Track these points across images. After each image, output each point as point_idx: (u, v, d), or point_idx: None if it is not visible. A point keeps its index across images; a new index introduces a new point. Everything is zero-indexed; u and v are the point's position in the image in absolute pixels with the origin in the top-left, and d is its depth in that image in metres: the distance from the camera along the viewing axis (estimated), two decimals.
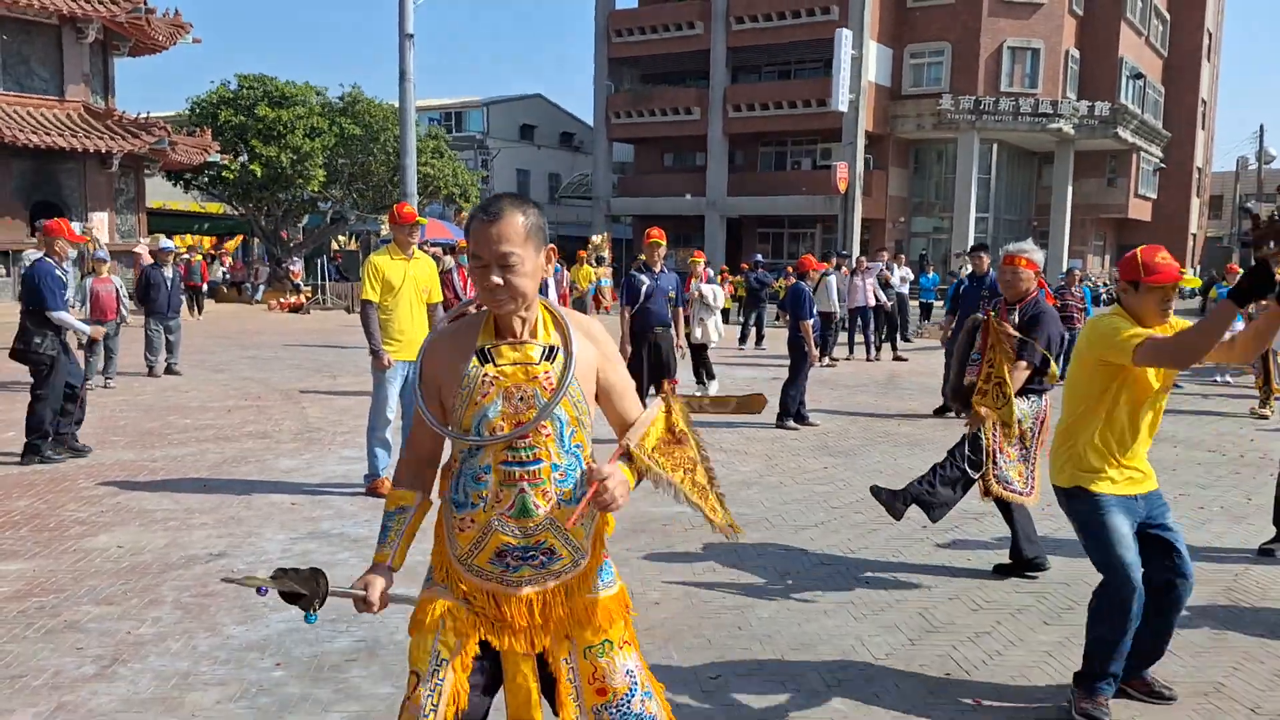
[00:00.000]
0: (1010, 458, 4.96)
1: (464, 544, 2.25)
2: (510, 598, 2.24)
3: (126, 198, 24.33)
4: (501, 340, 2.24)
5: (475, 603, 2.26)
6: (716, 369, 12.32)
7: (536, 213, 2.23)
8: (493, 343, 2.24)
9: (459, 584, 2.27)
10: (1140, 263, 3.48)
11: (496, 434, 2.18)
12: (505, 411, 2.19)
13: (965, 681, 3.86)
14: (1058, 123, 37.40)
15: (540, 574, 2.24)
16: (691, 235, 41.57)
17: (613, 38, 41.72)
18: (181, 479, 6.91)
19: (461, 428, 2.22)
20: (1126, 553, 3.49)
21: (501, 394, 2.20)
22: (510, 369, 2.22)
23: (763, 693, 3.71)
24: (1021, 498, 4.97)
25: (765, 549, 5.52)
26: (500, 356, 2.23)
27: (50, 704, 3.49)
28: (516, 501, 2.20)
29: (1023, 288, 5.09)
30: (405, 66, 16.96)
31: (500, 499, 2.20)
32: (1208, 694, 3.77)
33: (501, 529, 2.20)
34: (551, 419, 2.21)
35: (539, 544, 2.22)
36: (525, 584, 2.24)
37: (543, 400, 2.20)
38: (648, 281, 8.50)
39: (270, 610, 4.41)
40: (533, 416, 2.18)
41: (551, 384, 2.22)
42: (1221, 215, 60.32)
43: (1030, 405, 5.02)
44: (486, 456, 2.21)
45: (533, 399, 2.20)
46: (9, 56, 21.79)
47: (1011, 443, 4.96)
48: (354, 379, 12.15)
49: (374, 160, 31.51)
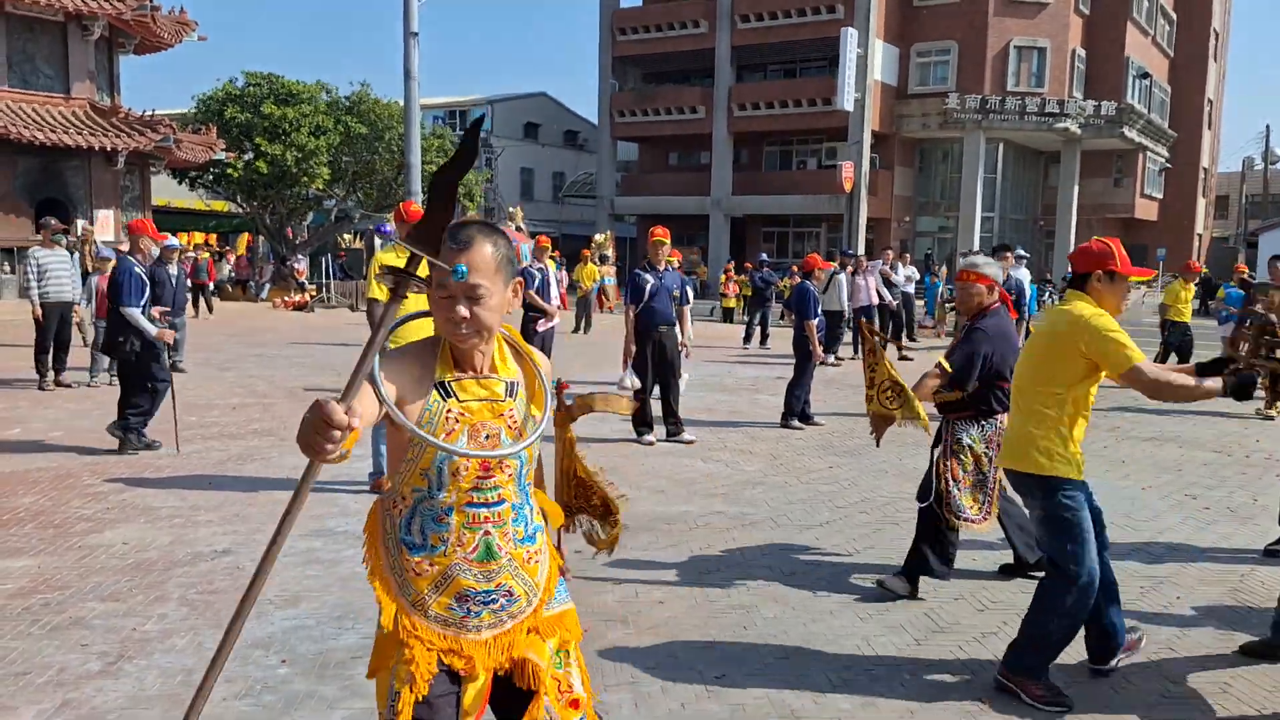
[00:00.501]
0: (966, 484, 4.72)
1: (420, 587, 2.14)
2: (470, 642, 2.16)
3: (132, 195, 24.36)
4: (463, 374, 2.13)
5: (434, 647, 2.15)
6: (721, 368, 12.30)
7: (506, 243, 2.13)
8: (454, 376, 2.12)
9: (414, 636, 2.14)
10: (1118, 255, 3.61)
11: (461, 473, 2.09)
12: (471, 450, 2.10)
13: (971, 682, 3.85)
14: (1064, 122, 37.34)
15: (499, 615, 2.18)
16: (696, 235, 41.59)
17: (617, 36, 41.72)
18: (187, 476, 6.91)
19: (420, 466, 2.10)
20: (1093, 550, 3.62)
21: (467, 431, 2.10)
22: (476, 405, 2.12)
23: (768, 692, 3.70)
24: (975, 525, 4.73)
25: (770, 548, 5.51)
26: (464, 391, 2.12)
27: (55, 701, 3.49)
28: (480, 544, 2.14)
29: (975, 302, 4.86)
30: (410, 65, 16.96)
31: (463, 542, 2.13)
32: (1213, 694, 3.75)
33: (463, 574, 2.13)
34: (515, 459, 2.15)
35: (499, 587, 2.17)
36: (485, 628, 2.17)
37: (508, 440, 2.13)
38: (652, 280, 8.49)
39: (275, 608, 4.42)
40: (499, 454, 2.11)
41: (516, 421, 2.15)
42: (1228, 215, 60.18)
43: (980, 431, 4.76)
44: (449, 498, 2.11)
45: (498, 437, 2.12)
46: (15, 54, 21.82)
47: (967, 469, 4.72)
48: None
49: (379, 159, 31.52)
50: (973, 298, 4.86)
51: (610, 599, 4.67)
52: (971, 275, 4.86)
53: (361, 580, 4.79)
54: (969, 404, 4.76)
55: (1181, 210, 48.67)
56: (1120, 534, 5.98)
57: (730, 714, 3.53)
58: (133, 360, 7.68)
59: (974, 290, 4.85)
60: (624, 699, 3.61)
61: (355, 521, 5.80)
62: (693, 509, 6.34)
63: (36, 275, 10.67)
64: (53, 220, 12.53)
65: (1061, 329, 3.60)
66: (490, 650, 2.18)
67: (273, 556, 1.86)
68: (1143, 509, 6.62)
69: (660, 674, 3.84)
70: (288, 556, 5.15)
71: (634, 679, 3.78)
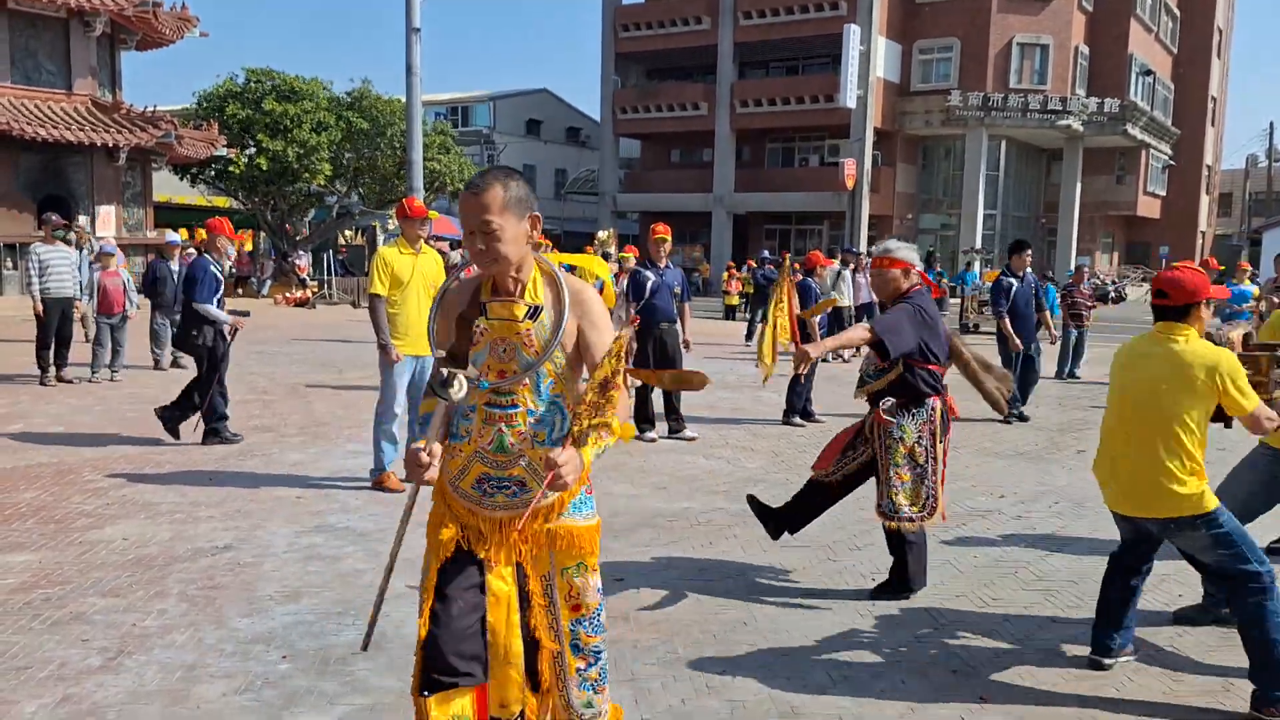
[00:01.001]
0: (903, 479, 4.54)
1: (453, 469, 2.61)
2: (486, 517, 2.58)
3: (134, 191, 24.37)
4: (495, 297, 2.56)
5: (460, 518, 2.61)
6: (724, 364, 12.30)
7: (519, 184, 2.50)
8: (489, 298, 2.56)
9: (447, 502, 2.63)
10: (1202, 282, 3.64)
11: (483, 379, 2.54)
12: (490, 361, 2.53)
13: (972, 679, 3.84)
14: (1067, 119, 37.30)
15: (513, 502, 2.56)
16: (698, 232, 41.58)
17: (620, 32, 41.68)
18: (187, 472, 6.91)
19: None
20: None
21: (488, 345, 2.53)
22: (497, 324, 2.53)
23: (768, 688, 3.70)
24: (914, 524, 4.55)
25: (770, 544, 5.50)
26: (492, 311, 2.54)
27: (56, 695, 3.49)
28: (495, 438, 2.54)
29: (891, 288, 4.72)
30: (412, 61, 16.93)
31: (482, 435, 2.55)
32: (1215, 693, 3.75)
33: (481, 460, 2.56)
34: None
35: (511, 476, 2.55)
36: (499, 509, 2.57)
37: (524, 355, 2.51)
38: (653, 277, 8.50)
39: (276, 604, 4.42)
40: (513, 367, 2.52)
41: (532, 340, 2.51)
42: (1231, 213, 60.08)
43: (911, 419, 4.59)
44: (472, 398, 2.54)
45: (514, 351, 2.52)
46: (17, 50, 21.82)
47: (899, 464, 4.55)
48: (360, 373, 12.16)
49: (380, 155, 31.51)
50: (889, 283, 4.73)
51: (611, 595, 4.67)
52: (886, 261, 4.75)
53: (362, 577, 4.80)
54: (895, 389, 4.60)
55: (1185, 208, 48.63)
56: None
57: (730, 710, 3.53)
58: (205, 354, 7.93)
59: (890, 276, 4.73)
60: (624, 695, 3.61)
61: (356, 518, 5.80)
62: (694, 505, 6.34)
63: (38, 271, 10.67)
64: (54, 216, 12.54)
65: (1194, 370, 3.55)
66: (503, 529, 2.57)
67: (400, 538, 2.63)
68: None
69: (660, 670, 3.84)
70: (289, 552, 5.15)
71: (634, 675, 3.78)
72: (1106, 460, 3.84)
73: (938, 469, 4.61)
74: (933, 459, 4.59)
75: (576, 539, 2.61)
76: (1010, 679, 3.85)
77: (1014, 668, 3.95)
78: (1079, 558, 5.42)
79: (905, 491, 4.56)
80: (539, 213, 2.56)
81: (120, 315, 11.51)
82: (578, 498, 2.63)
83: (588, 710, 2.70)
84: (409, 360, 6.47)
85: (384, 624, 4.19)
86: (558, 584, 2.62)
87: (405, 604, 4.46)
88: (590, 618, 2.67)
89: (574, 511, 2.63)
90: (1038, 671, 3.91)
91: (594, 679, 2.70)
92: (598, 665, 2.71)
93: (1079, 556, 5.44)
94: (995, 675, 3.87)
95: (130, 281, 11.99)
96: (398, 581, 4.77)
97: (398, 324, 6.42)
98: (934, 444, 4.61)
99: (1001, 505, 6.56)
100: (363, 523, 5.71)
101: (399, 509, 6.01)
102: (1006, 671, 3.91)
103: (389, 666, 3.79)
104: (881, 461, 4.62)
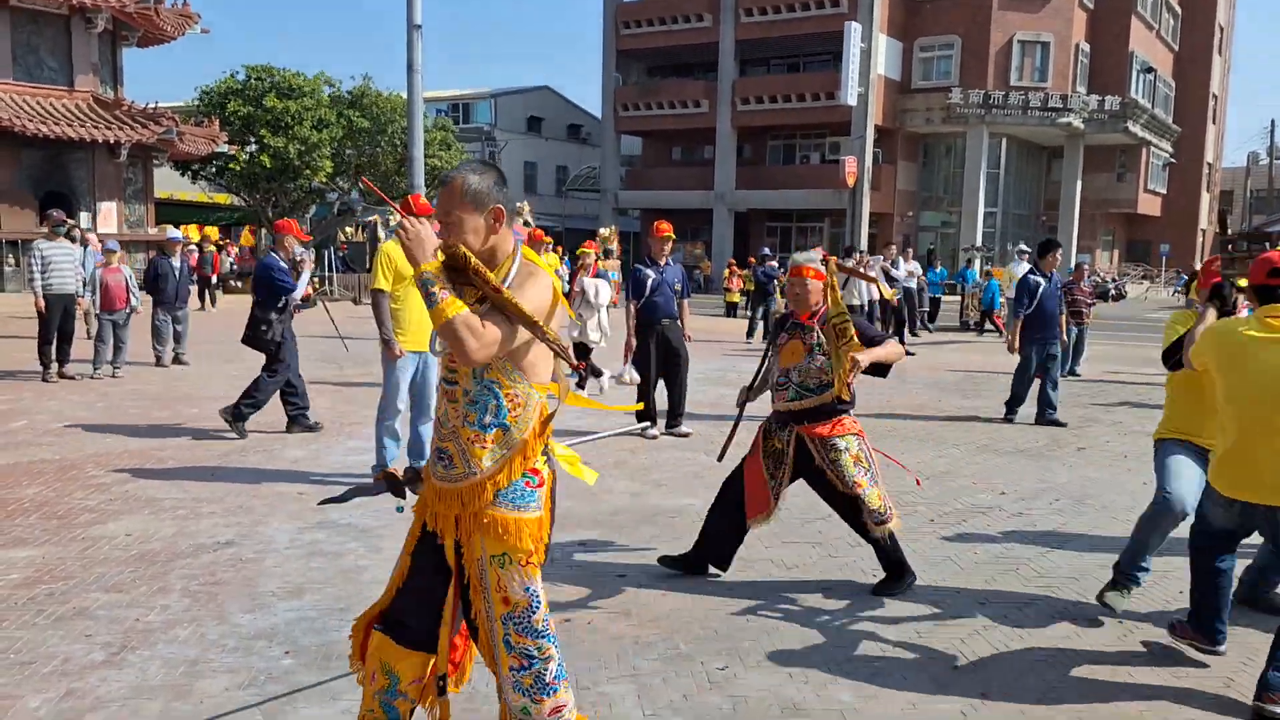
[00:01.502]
0: (864, 486, 4.51)
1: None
2: (435, 487, 2.75)
3: (135, 188, 24.37)
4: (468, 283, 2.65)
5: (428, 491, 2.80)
6: (726, 362, 12.29)
7: (481, 178, 2.64)
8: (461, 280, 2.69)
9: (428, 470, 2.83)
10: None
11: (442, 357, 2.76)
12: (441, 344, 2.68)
13: (973, 674, 3.85)
14: (1067, 117, 37.27)
15: (447, 474, 2.70)
16: (699, 229, 41.55)
17: (621, 30, 41.64)
18: (190, 468, 6.92)
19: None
20: None
21: None
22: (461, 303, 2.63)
23: (770, 684, 3.71)
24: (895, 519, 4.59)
25: (772, 541, 5.51)
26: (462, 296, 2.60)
27: (59, 690, 3.50)
28: (443, 411, 2.74)
29: (811, 299, 4.60)
30: (413, 58, 16.91)
31: (439, 407, 2.77)
32: (1217, 689, 3.76)
33: (437, 431, 2.77)
34: None
35: (444, 449, 2.71)
36: (439, 480, 2.73)
37: None
38: (653, 275, 8.53)
39: (278, 599, 4.43)
40: None
41: None
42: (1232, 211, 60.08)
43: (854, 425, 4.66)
44: (440, 373, 2.77)
45: None
46: (19, 46, 21.82)
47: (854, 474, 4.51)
48: (361, 370, 12.17)
49: (381, 152, 31.51)
50: (810, 295, 4.60)
51: (613, 591, 4.68)
52: (808, 270, 4.59)
53: (365, 573, 4.81)
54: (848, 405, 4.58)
55: (1185, 206, 48.60)
56: (1124, 528, 5.97)
57: (732, 705, 3.54)
58: (274, 348, 8.26)
59: (810, 287, 4.59)
60: (626, 690, 3.62)
61: (358, 515, 5.81)
62: (696, 502, 6.35)
63: (40, 267, 10.68)
64: (54, 212, 12.54)
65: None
66: (440, 497, 2.72)
67: None
68: (1145, 503, 6.59)
69: (662, 665, 3.85)
70: (290, 549, 5.16)
71: (636, 670, 3.79)
72: (1243, 456, 3.74)
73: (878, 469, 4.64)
74: (871, 459, 4.60)
75: (503, 528, 2.63)
76: (1012, 675, 3.85)
77: (1015, 663, 3.96)
78: (1080, 554, 5.43)
79: (874, 496, 4.53)
80: (504, 205, 2.65)
81: (123, 311, 11.52)
82: (511, 487, 2.66)
83: (524, 716, 2.67)
84: (411, 356, 6.44)
85: None
86: (489, 573, 2.65)
87: None
88: (517, 616, 2.64)
89: (503, 500, 2.65)
90: (1039, 667, 3.92)
91: (528, 685, 2.65)
92: (531, 671, 2.64)
93: (1080, 553, 5.45)
94: (997, 671, 3.88)
95: (132, 278, 12.00)
96: None
97: (400, 320, 6.39)
98: (867, 444, 4.62)
99: (1002, 502, 6.57)
100: (364, 519, 5.72)
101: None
102: (1008, 667, 3.92)
103: None
104: (836, 479, 4.54)
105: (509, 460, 2.66)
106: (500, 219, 2.65)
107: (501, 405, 2.64)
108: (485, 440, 2.63)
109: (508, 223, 2.66)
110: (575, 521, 5.78)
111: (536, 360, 2.68)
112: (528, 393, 2.67)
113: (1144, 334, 21.02)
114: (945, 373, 13.00)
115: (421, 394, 6.57)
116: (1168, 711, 3.59)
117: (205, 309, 21.46)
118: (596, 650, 3.97)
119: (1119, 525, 6.05)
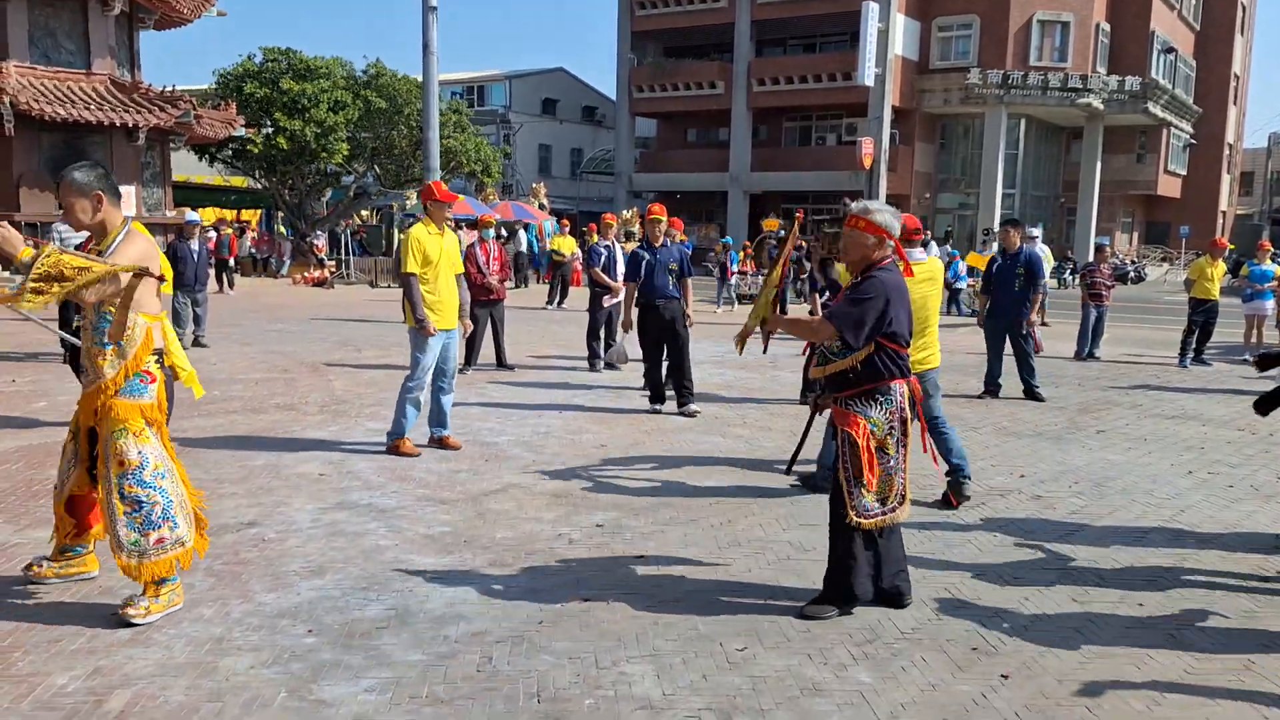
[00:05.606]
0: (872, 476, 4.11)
1: None
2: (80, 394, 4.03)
3: (153, 171, 24.42)
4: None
5: None
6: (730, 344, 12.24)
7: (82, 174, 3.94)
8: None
9: None
10: None
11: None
12: None
13: (993, 656, 3.85)
14: (1087, 97, 36.92)
15: (85, 381, 3.98)
16: (715, 211, 41.45)
17: (635, 10, 41.46)
18: (211, 449, 6.98)
19: None
20: None
21: None
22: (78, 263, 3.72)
23: (789, 665, 3.72)
24: (884, 519, 4.17)
25: (790, 523, 5.52)
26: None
27: (87, 668, 3.55)
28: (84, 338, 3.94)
29: (859, 254, 4.19)
30: (428, 39, 16.93)
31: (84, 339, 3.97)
32: (1237, 670, 3.75)
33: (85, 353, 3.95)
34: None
35: (82, 365, 3.98)
36: (84, 386, 3.99)
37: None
38: (648, 256, 8.80)
39: (301, 579, 4.47)
40: None
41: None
42: (1252, 192, 59.44)
43: (880, 409, 4.13)
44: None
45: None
46: (36, 30, 21.84)
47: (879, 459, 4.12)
48: (378, 352, 12.21)
49: (397, 134, 31.49)
50: (858, 248, 4.20)
51: (632, 572, 4.70)
52: (861, 222, 4.16)
53: (386, 553, 4.85)
54: (861, 376, 4.14)
55: (1205, 187, 48.15)
56: (1142, 511, 5.96)
57: (752, 686, 3.55)
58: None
59: (861, 240, 4.18)
60: (646, 670, 3.64)
61: (379, 495, 5.85)
62: (712, 484, 6.36)
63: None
64: None
65: None
66: (83, 404, 4.00)
67: None
68: (1165, 486, 6.59)
69: (682, 646, 3.87)
70: (313, 528, 5.20)
71: (655, 651, 3.81)
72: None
73: (908, 457, 4.27)
74: (903, 448, 4.21)
75: (118, 411, 3.88)
76: (1030, 657, 3.85)
77: (1034, 646, 3.95)
78: (1098, 537, 5.42)
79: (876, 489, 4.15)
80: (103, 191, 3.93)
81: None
82: (127, 384, 3.89)
83: (134, 546, 3.85)
84: (441, 334, 6.86)
85: (408, 600, 4.24)
86: (110, 447, 3.87)
87: (430, 581, 4.51)
88: (131, 473, 3.85)
89: (122, 394, 3.89)
90: (1058, 650, 3.92)
91: (140, 522, 3.85)
92: (141, 514, 3.84)
93: (1098, 536, 5.44)
94: (1016, 653, 3.88)
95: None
96: (421, 559, 4.81)
97: (430, 300, 6.80)
98: (905, 433, 4.21)
99: (1021, 485, 6.56)
100: (384, 500, 5.76)
101: (419, 485, 6.07)
102: (1027, 650, 3.92)
103: (413, 641, 3.84)
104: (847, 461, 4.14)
105: (123, 367, 3.88)
106: (101, 201, 3.93)
107: (104, 330, 3.86)
108: (106, 355, 3.88)
109: (111, 204, 3.95)
110: (593, 503, 5.80)
111: (142, 297, 3.86)
112: (135, 320, 3.86)
113: (1161, 316, 20.86)
114: (964, 355, 12.95)
115: (445, 368, 7.01)
116: (1187, 695, 3.58)
117: (223, 291, 21.58)
118: (616, 631, 3.99)
119: (1138, 508, 6.03)
